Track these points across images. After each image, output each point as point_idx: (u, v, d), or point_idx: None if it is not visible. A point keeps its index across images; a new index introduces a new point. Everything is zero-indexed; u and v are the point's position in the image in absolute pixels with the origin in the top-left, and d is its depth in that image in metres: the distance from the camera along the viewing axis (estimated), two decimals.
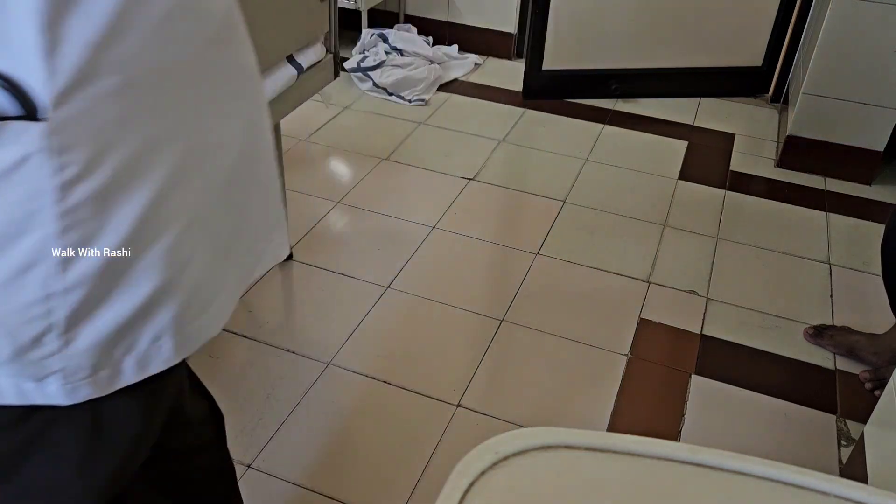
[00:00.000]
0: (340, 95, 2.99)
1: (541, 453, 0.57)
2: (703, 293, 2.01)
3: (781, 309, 1.96)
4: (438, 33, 3.41)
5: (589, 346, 1.81)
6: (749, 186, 2.53)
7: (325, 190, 2.38)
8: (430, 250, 2.12)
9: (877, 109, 2.45)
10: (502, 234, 2.21)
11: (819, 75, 2.46)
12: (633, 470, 0.57)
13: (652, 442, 0.58)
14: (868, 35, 2.35)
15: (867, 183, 2.57)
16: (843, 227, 2.34)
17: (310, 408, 1.61)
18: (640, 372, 1.75)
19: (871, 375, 1.73)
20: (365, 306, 1.90)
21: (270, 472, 1.46)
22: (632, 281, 2.04)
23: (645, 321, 1.90)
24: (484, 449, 0.57)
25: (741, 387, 1.72)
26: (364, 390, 1.66)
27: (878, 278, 2.04)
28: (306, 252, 2.08)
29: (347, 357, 1.74)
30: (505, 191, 2.42)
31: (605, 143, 2.74)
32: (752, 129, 2.90)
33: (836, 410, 1.68)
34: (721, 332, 1.88)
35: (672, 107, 3.01)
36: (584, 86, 3.04)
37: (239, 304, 1.94)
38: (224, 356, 1.73)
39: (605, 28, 2.92)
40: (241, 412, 1.59)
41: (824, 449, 1.59)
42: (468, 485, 0.54)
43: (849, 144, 2.54)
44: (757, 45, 3.01)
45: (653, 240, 2.21)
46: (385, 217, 2.26)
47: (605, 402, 1.66)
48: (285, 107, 1.62)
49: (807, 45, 2.75)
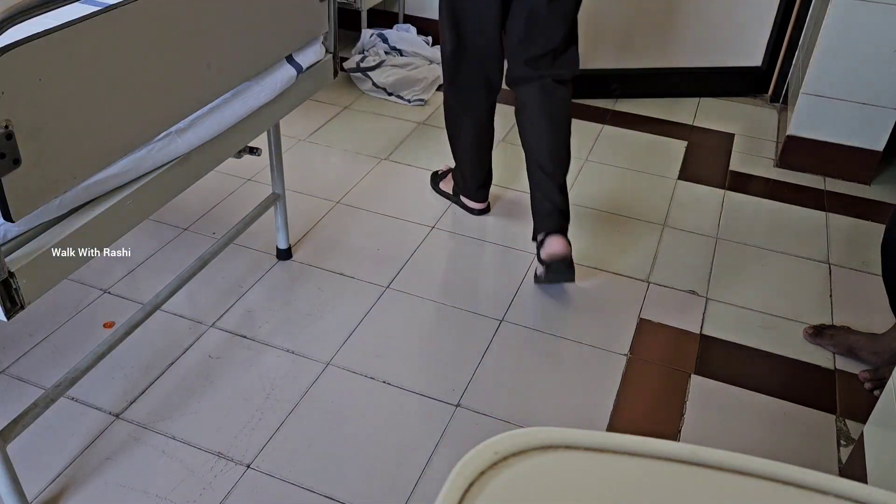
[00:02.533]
0: (340, 95, 2.99)
1: (541, 453, 0.57)
2: (702, 293, 2.01)
3: (781, 309, 1.96)
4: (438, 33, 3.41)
5: (589, 346, 1.81)
6: (749, 186, 2.53)
7: (325, 190, 2.38)
8: (429, 250, 2.12)
9: (876, 109, 2.45)
10: (502, 234, 2.21)
11: (819, 75, 2.47)
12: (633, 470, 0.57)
13: (652, 442, 0.58)
14: (868, 35, 2.35)
15: (867, 183, 2.57)
16: (843, 227, 2.34)
17: (310, 408, 1.61)
18: (639, 372, 1.75)
19: (871, 375, 1.74)
20: (364, 306, 1.90)
21: (270, 472, 1.46)
22: (631, 281, 2.04)
23: (644, 321, 1.90)
24: (484, 449, 0.57)
25: (741, 387, 1.72)
26: (364, 390, 1.66)
27: (877, 278, 2.04)
28: (306, 252, 2.08)
29: (347, 357, 1.74)
30: (504, 191, 2.42)
31: (605, 143, 2.74)
32: (752, 129, 2.90)
33: (835, 410, 1.68)
34: (721, 332, 1.88)
35: (671, 107, 3.02)
36: (583, 86, 3.04)
37: (239, 303, 1.96)
38: (224, 356, 1.73)
39: (604, 28, 2.93)
40: (241, 412, 1.59)
41: (824, 449, 1.59)
42: (468, 485, 0.54)
43: (848, 144, 2.54)
44: (757, 45, 3.01)
45: (652, 240, 2.21)
46: (385, 217, 2.26)
47: (605, 402, 1.66)
48: (285, 107, 1.62)
49: (806, 45, 2.75)
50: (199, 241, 2.10)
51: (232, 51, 1.36)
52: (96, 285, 1.92)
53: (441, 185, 2.41)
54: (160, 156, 1.27)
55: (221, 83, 1.37)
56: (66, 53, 1.01)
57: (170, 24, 1.19)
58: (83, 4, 1.28)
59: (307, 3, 1.56)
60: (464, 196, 2.31)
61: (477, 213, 2.30)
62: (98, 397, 1.61)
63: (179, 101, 1.27)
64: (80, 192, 1.14)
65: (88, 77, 1.06)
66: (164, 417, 1.57)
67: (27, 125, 0.97)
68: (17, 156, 0.96)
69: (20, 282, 1.04)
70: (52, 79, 0.99)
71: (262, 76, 1.50)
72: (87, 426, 1.54)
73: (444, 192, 2.39)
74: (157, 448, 1.50)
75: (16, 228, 1.07)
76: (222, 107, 1.40)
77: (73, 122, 1.05)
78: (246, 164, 2.45)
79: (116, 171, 1.19)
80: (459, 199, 2.33)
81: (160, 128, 1.25)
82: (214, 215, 2.22)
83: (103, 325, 1.80)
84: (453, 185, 2.36)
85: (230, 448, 1.51)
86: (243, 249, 2.08)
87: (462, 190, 2.30)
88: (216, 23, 1.30)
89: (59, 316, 1.82)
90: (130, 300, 1.88)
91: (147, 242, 2.08)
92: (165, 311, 1.84)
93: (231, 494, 1.41)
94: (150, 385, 1.64)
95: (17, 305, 1.05)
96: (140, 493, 1.41)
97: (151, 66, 1.17)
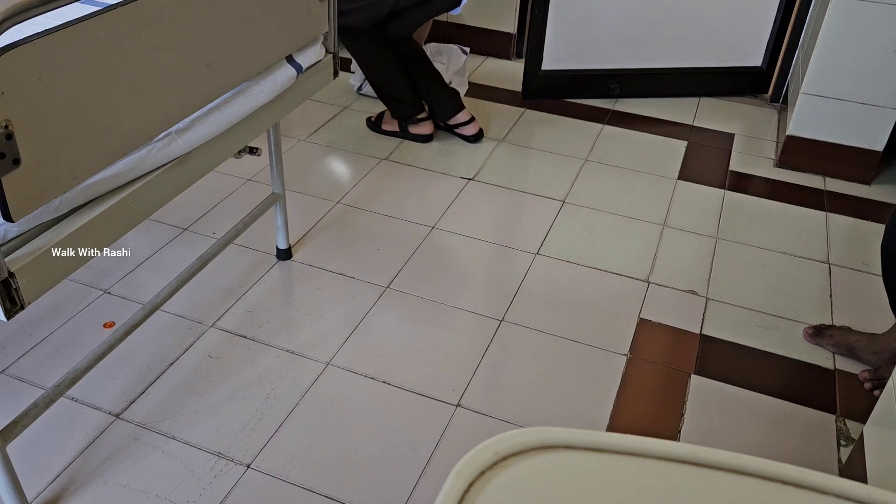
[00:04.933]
0: (340, 95, 2.99)
1: (541, 453, 0.57)
2: (702, 293, 2.01)
3: (781, 309, 1.97)
4: (438, 33, 3.41)
5: (589, 346, 1.81)
6: (748, 186, 2.53)
7: (325, 190, 2.38)
8: (429, 250, 2.12)
9: (876, 109, 2.45)
10: (502, 234, 2.21)
11: (818, 75, 2.47)
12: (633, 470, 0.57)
13: (652, 442, 0.58)
14: (868, 35, 2.35)
15: (867, 183, 2.57)
16: (843, 226, 2.34)
17: (310, 408, 1.61)
18: (639, 372, 1.75)
19: (871, 375, 1.74)
20: (365, 306, 1.90)
21: (270, 472, 1.46)
22: (631, 281, 2.04)
23: (644, 321, 1.90)
24: (484, 449, 0.57)
25: (741, 387, 1.72)
26: (364, 390, 1.66)
27: (877, 278, 2.04)
28: (306, 252, 2.08)
29: (347, 357, 1.74)
30: (504, 191, 2.42)
31: (605, 142, 2.75)
32: (752, 129, 2.90)
33: (835, 410, 1.68)
34: (721, 332, 1.88)
35: (671, 107, 3.02)
36: (583, 86, 3.04)
37: (239, 303, 1.96)
38: (224, 356, 1.73)
39: (604, 28, 2.93)
40: (241, 412, 1.59)
41: (824, 449, 1.59)
42: (468, 485, 0.54)
43: (848, 144, 2.54)
44: (757, 45, 3.01)
45: (652, 240, 2.22)
46: (385, 217, 2.26)
47: (605, 402, 1.66)
48: (285, 107, 1.62)
49: (806, 45, 2.75)
50: (199, 241, 2.10)
51: (232, 51, 1.36)
52: (96, 285, 1.92)
53: (384, 126, 2.68)
54: (160, 156, 1.27)
55: (221, 83, 1.37)
56: (66, 53, 1.01)
57: (170, 24, 1.19)
58: (83, 4, 1.28)
59: (307, 3, 1.56)
60: (411, 126, 2.63)
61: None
62: (98, 397, 1.61)
63: (179, 101, 1.27)
64: (80, 192, 1.14)
65: (88, 77, 1.06)
66: (164, 417, 1.57)
67: (27, 125, 0.97)
68: (17, 156, 0.96)
69: (20, 282, 1.04)
70: (52, 79, 0.99)
71: (262, 76, 1.50)
72: (87, 426, 1.54)
73: (391, 132, 2.68)
74: (157, 448, 1.50)
75: (16, 228, 1.07)
76: (222, 107, 1.40)
77: (73, 122, 1.05)
78: (246, 164, 2.45)
79: (116, 171, 1.19)
80: (408, 132, 2.64)
81: (160, 128, 1.25)
82: (214, 215, 2.22)
83: (103, 325, 1.80)
84: (397, 123, 2.65)
85: (230, 448, 1.51)
86: (243, 249, 2.08)
87: (408, 119, 2.63)
88: (216, 23, 1.30)
89: (59, 316, 1.82)
90: (130, 300, 1.88)
91: (147, 242, 2.08)
92: (165, 311, 1.84)
93: (231, 494, 1.41)
94: (150, 385, 1.65)
95: (17, 305, 1.05)
96: (140, 493, 1.41)
97: (151, 66, 1.17)
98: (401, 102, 2.60)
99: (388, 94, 2.60)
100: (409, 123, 2.64)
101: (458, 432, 1.57)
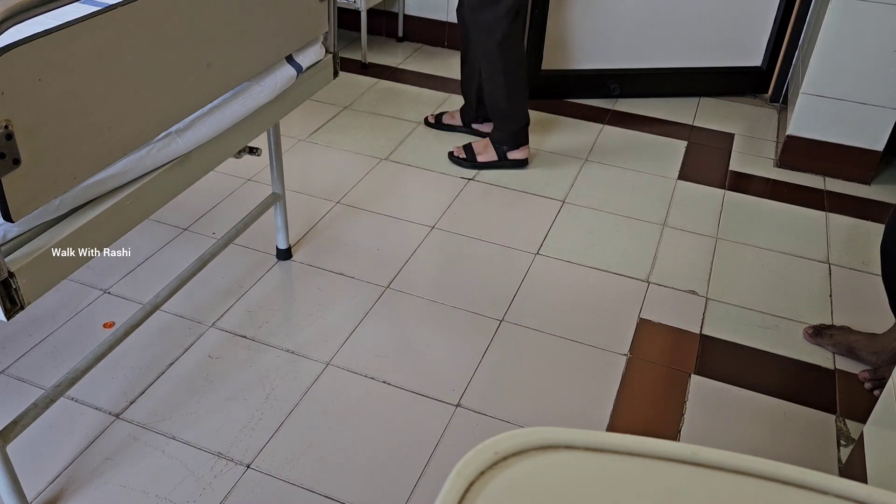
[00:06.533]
0: (340, 95, 2.99)
1: (541, 453, 0.57)
2: (702, 293, 2.01)
3: (781, 309, 1.97)
4: (438, 33, 3.41)
5: (589, 346, 1.81)
6: (748, 186, 2.53)
7: (325, 190, 2.38)
8: (429, 250, 2.12)
9: (876, 109, 2.45)
10: (502, 234, 2.21)
11: (818, 75, 2.47)
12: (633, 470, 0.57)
13: (652, 442, 0.58)
14: (868, 35, 2.35)
15: (866, 183, 2.57)
16: (843, 226, 2.34)
17: (310, 408, 1.61)
18: (639, 372, 1.75)
19: (871, 375, 1.74)
20: (365, 306, 1.90)
21: (270, 472, 1.46)
22: (631, 281, 2.04)
23: (644, 321, 1.90)
24: (484, 449, 0.57)
25: (741, 387, 1.72)
26: (364, 390, 1.66)
27: (877, 278, 2.04)
28: (306, 252, 2.08)
29: (347, 357, 1.74)
30: (504, 190, 2.42)
31: (605, 142, 2.74)
32: (752, 129, 2.90)
33: (835, 410, 1.68)
34: (721, 332, 1.88)
35: (671, 106, 3.02)
36: (583, 86, 3.04)
37: (239, 303, 1.95)
38: (224, 356, 1.73)
39: (604, 28, 2.93)
40: (241, 412, 1.59)
41: (824, 449, 1.59)
42: (468, 485, 0.54)
43: (848, 144, 2.54)
44: (757, 45, 3.01)
45: (652, 240, 2.22)
46: (385, 217, 2.26)
47: (605, 402, 1.66)
48: (285, 107, 1.62)
49: (806, 45, 2.75)
50: (199, 241, 2.10)
51: (232, 51, 1.36)
52: (96, 285, 1.92)
53: (479, 158, 2.48)
54: (160, 156, 1.27)
55: (221, 83, 1.37)
56: (66, 53, 1.01)
57: (170, 24, 1.19)
58: (83, 4, 1.28)
59: (307, 3, 1.56)
60: (511, 151, 2.44)
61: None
62: (98, 397, 1.61)
63: (179, 101, 1.27)
64: (80, 192, 1.14)
65: (88, 77, 1.06)
66: (163, 417, 1.57)
67: (27, 125, 0.97)
68: (17, 156, 0.96)
69: (20, 282, 1.04)
70: (52, 79, 0.99)
71: (262, 76, 1.50)
72: (87, 426, 1.54)
73: (488, 163, 2.48)
74: (157, 448, 1.50)
75: (16, 228, 1.07)
76: (222, 107, 1.40)
77: (73, 122, 1.05)
78: (246, 164, 2.45)
79: (116, 171, 1.19)
80: (506, 159, 2.46)
81: (160, 128, 1.25)
82: (214, 215, 2.22)
83: (103, 325, 1.80)
84: (495, 151, 2.47)
85: (230, 448, 1.51)
86: (243, 249, 2.08)
87: (511, 142, 2.43)
88: (216, 23, 1.30)
89: (59, 316, 1.82)
90: (130, 300, 1.88)
91: (147, 242, 2.08)
92: (165, 311, 1.84)
93: (231, 494, 1.41)
94: (150, 385, 1.65)
95: (17, 305, 1.05)
96: (140, 493, 1.41)
97: (151, 65, 1.17)
98: (516, 121, 2.41)
99: (510, 112, 2.39)
100: (508, 149, 2.45)
101: (458, 432, 1.57)
